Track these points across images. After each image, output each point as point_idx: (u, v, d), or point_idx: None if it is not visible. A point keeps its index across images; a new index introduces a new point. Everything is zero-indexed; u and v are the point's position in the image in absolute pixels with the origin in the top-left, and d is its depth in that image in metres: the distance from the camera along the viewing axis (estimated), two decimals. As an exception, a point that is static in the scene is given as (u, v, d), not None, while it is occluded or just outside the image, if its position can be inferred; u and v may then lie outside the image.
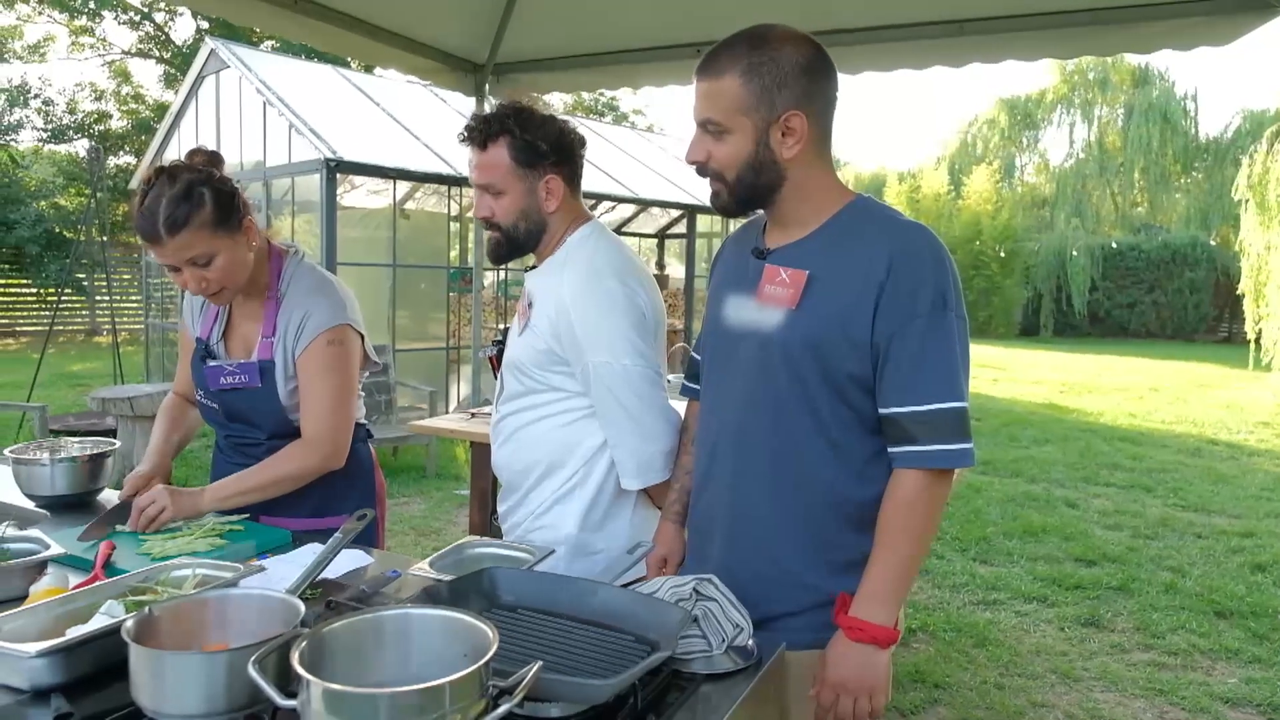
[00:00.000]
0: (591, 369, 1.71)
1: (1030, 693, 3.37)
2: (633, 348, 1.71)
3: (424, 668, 0.95)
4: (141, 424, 5.54)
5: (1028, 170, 26.72)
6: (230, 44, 8.80)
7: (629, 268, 1.79)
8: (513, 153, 1.73)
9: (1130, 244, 21.72)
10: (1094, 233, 22.74)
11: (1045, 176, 25.77)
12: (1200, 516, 5.96)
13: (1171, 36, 3.97)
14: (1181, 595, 4.41)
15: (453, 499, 5.85)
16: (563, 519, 1.81)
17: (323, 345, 1.87)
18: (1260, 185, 12.11)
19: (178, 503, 1.76)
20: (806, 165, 1.39)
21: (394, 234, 7.57)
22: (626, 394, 1.71)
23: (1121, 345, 19.04)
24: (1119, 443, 8.36)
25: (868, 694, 1.33)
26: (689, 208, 10.66)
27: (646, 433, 1.73)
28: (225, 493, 1.82)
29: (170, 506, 1.74)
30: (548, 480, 1.83)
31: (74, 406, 8.87)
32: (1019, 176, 26.42)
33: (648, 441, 1.74)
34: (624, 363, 1.69)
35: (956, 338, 1.34)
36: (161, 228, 1.72)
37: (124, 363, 8.34)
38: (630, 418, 1.72)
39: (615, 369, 1.70)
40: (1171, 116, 22.98)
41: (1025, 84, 36.65)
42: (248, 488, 1.83)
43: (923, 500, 1.34)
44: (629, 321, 1.72)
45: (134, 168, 16.67)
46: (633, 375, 1.70)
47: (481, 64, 5.05)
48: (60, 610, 1.27)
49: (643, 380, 1.72)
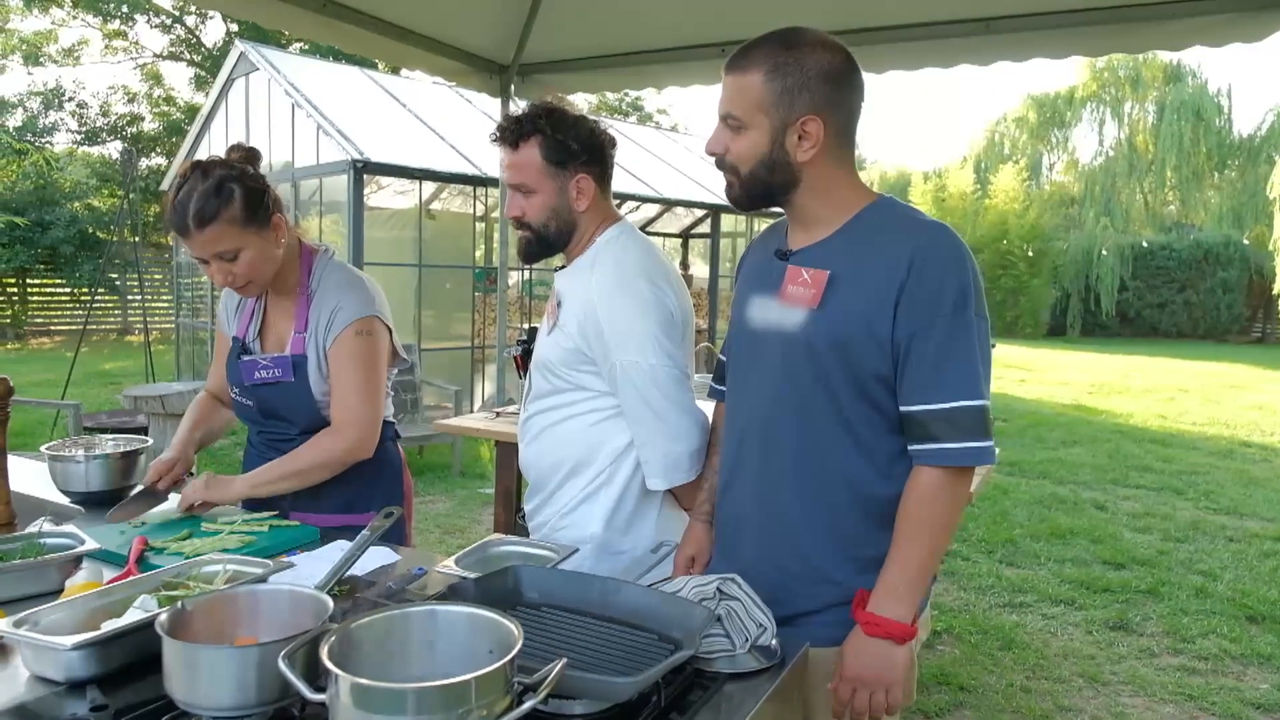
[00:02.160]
0: (619, 368, 1.72)
1: (1057, 696, 3.33)
2: (660, 348, 1.71)
3: (450, 664, 0.96)
4: (172, 421, 5.63)
5: (1056, 169, 26.40)
6: (259, 46, 8.91)
7: (658, 268, 1.80)
8: (544, 152, 1.74)
9: (1161, 243, 21.38)
10: (1124, 232, 22.41)
11: (1074, 175, 25.43)
12: (1232, 520, 5.87)
13: (1202, 33, 3.91)
14: (1212, 599, 4.35)
15: (477, 498, 5.89)
16: (588, 518, 1.82)
17: (351, 335, 1.90)
18: (1294, 184, 11.89)
19: (214, 486, 1.84)
20: (823, 169, 1.40)
21: (420, 234, 7.63)
22: (653, 394, 1.72)
23: (1151, 346, 18.76)
24: (1149, 444, 8.24)
25: (884, 689, 1.34)
26: (713, 208, 10.65)
27: (673, 433, 1.74)
28: (258, 480, 1.88)
29: (207, 491, 1.83)
30: (574, 479, 1.84)
31: (106, 404, 9.02)
32: (1047, 175, 26.11)
33: (674, 442, 1.74)
34: (651, 362, 1.70)
35: (977, 337, 1.34)
36: (190, 221, 1.76)
37: (155, 361, 8.49)
38: (657, 418, 1.72)
39: (643, 369, 1.71)
40: (1204, 114, 22.58)
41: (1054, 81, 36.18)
42: (279, 475, 1.88)
43: (942, 497, 1.35)
44: (657, 322, 1.73)
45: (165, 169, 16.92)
46: (660, 375, 1.71)
47: (507, 65, 5.08)
48: (95, 604, 1.30)
49: (669, 380, 1.73)
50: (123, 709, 1.11)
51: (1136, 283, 20.99)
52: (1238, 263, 20.51)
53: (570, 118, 1.77)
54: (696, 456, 1.76)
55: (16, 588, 1.45)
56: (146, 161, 19.00)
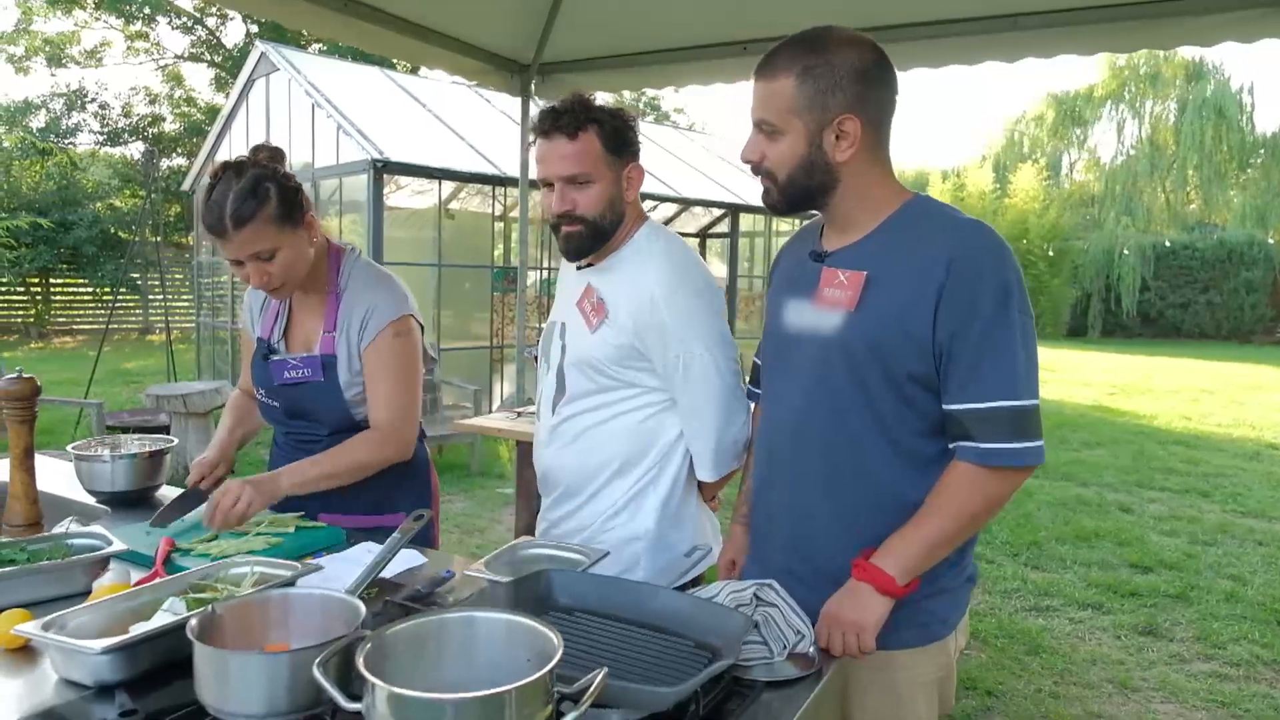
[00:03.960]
0: (683, 362, 1.71)
1: (1086, 702, 3.28)
2: (723, 339, 1.75)
3: (488, 672, 0.94)
4: (194, 420, 5.65)
5: (1076, 168, 26.15)
6: (280, 47, 8.94)
7: (700, 262, 1.83)
8: (604, 140, 1.71)
9: (1184, 242, 21.13)
10: (1145, 231, 22.17)
11: (1094, 174, 25.17)
12: (1260, 523, 5.77)
13: (1234, 28, 3.83)
14: (1243, 604, 4.27)
15: (496, 497, 5.88)
16: (640, 515, 1.80)
17: (390, 337, 1.88)
18: (1323, 182, 11.72)
19: (260, 490, 1.72)
20: (860, 168, 1.38)
21: (439, 234, 7.63)
22: (716, 385, 1.73)
23: (1173, 346, 18.55)
24: (1173, 446, 8.13)
25: (855, 631, 1.33)
26: (732, 207, 10.61)
27: (730, 422, 1.75)
28: (301, 477, 1.79)
29: (256, 497, 1.70)
30: (620, 479, 1.81)
31: (128, 403, 9.08)
32: (1067, 174, 25.86)
33: (728, 432, 1.75)
34: (716, 355, 1.72)
35: (1019, 335, 1.31)
36: (228, 221, 1.74)
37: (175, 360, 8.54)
38: (716, 409, 1.73)
39: (708, 360, 1.72)
40: (1226, 112, 22.29)
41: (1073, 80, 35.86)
42: (325, 472, 1.81)
43: (970, 489, 1.33)
44: (717, 312, 1.76)
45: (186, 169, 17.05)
46: (723, 367, 1.74)
47: (527, 64, 5.07)
48: (123, 607, 1.29)
49: (730, 371, 1.75)
50: (152, 713, 1.09)
51: (1158, 282, 20.76)
52: (1262, 263, 20.23)
53: (613, 107, 1.75)
54: (743, 447, 1.77)
55: (44, 589, 1.44)
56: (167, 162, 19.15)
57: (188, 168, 16.07)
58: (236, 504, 1.68)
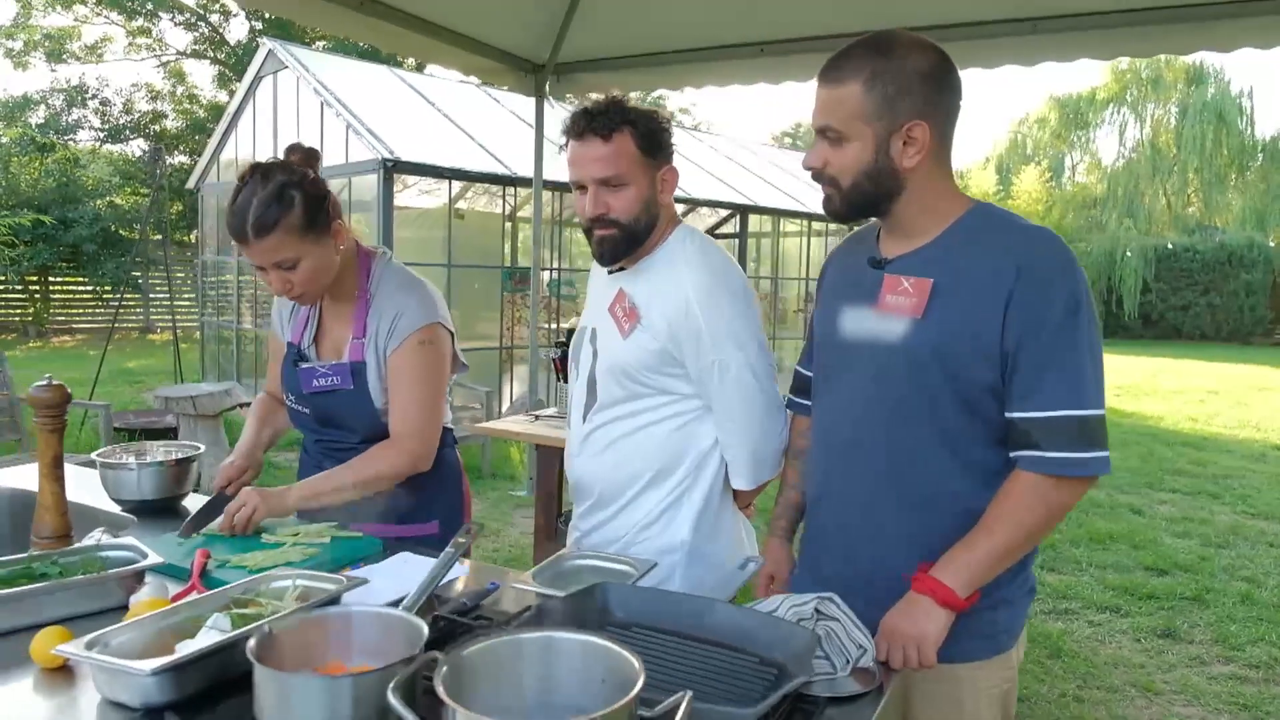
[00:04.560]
0: (719, 368, 1.68)
1: (1110, 705, 3.26)
2: (760, 345, 1.72)
3: (565, 694, 0.91)
4: (204, 422, 5.61)
5: (1079, 170, 26.15)
6: (288, 45, 8.90)
7: (735, 265, 1.80)
8: (639, 142, 1.67)
9: (1185, 245, 21.16)
10: (1146, 233, 22.18)
11: (1096, 176, 25.18)
12: (1271, 525, 5.77)
13: (1252, 34, 3.81)
14: (1259, 606, 4.26)
15: (509, 500, 5.85)
16: (675, 525, 1.76)
17: (415, 345, 1.84)
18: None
19: (267, 501, 1.74)
20: (926, 174, 1.36)
21: (449, 234, 7.59)
22: (753, 391, 1.70)
23: (1175, 347, 18.56)
24: (1181, 447, 8.13)
25: (915, 644, 1.30)
26: (740, 207, 10.57)
27: (765, 431, 1.72)
28: (312, 491, 1.79)
29: (261, 505, 1.72)
30: (654, 489, 1.78)
31: (132, 404, 9.04)
32: (1069, 176, 25.86)
33: (764, 441, 1.72)
34: (753, 361, 1.69)
35: (1086, 344, 1.29)
36: (250, 229, 1.71)
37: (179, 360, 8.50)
38: (752, 416, 1.70)
39: (744, 366, 1.68)
40: (1226, 115, 22.34)
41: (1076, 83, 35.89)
42: (336, 487, 1.80)
43: (1037, 501, 1.30)
44: (754, 318, 1.73)
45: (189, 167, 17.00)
46: (760, 373, 1.71)
47: (542, 64, 5.04)
48: (165, 623, 1.24)
49: (767, 376, 1.72)
50: (204, 736, 1.06)
51: (1160, 284, 20.78)
52: (1261, 265, 20.27)
53: (645, 109, 1.72)
54: (780, 455, 1.74)
55: (79, 604, 1.40)
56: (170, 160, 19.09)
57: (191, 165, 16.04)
58: (244, 510, 1.71)
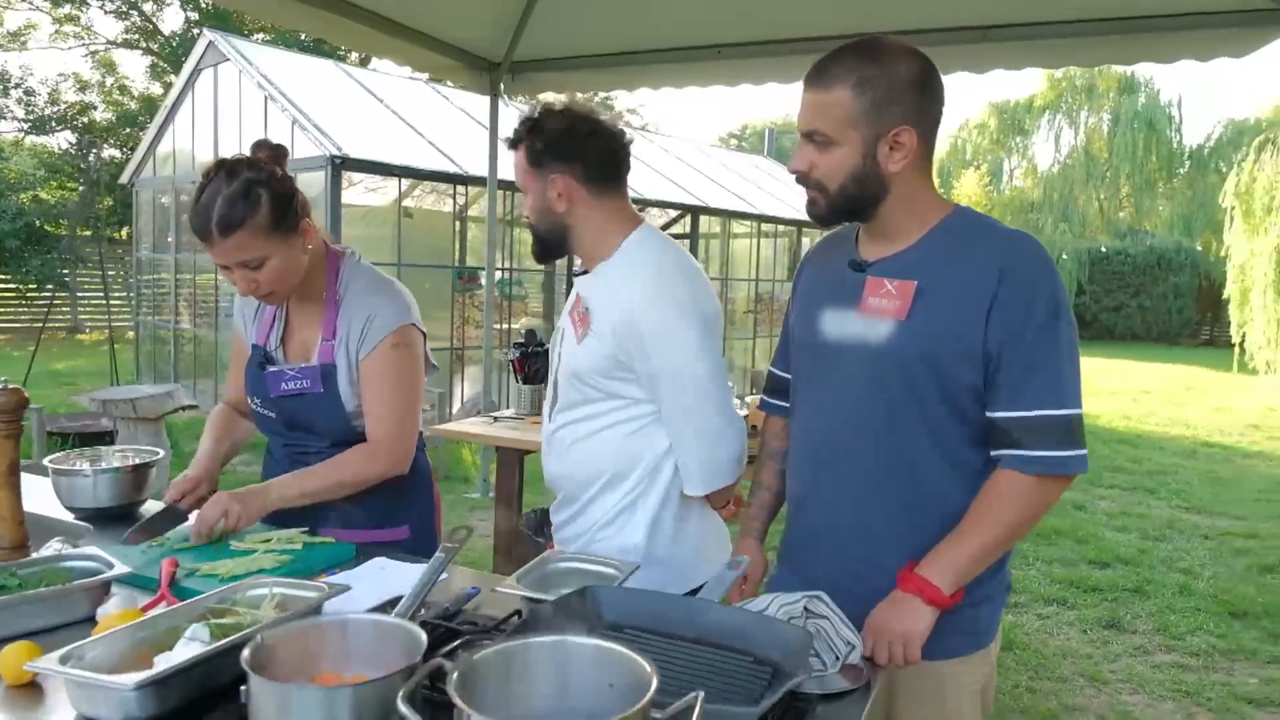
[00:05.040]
0: (661, 375, 1.67)
1: (1061, 696, 3.36)
2: (703, 351, 1.69)
3: (576, 699, 0.90)
4: (144, 426, 5.43)
5: (1016, 175, 26.88)
6: (229, 37, 8.66)
7: (692, 270, 1.77)
8: (528, 153, 1.75)
9: (1117, 248, 21.94)
10: (1080, 237, 22.92)
11: (1033, 181, 25.92)
12: (1205, 519, 6.01)
13: (1193, 47, 3.97)
14: (1196, 597, 4.44)
15: (464, 502, 5.79)
16: (630, 529, 1.76)
17: (388, 348, 1.81)
18: (1247, 194, 12.28)
19: (247, 504, 1.68)
20: (910, 179, 1.38)
21: (398, 233, 7.47)
22: (696, 399, 1.68)
23: (1108, 348, 19.21)
24: (1117, 445, 8.42)
25: (902, 642, 1.33)
26: (690, 208, 10.62)
27: (716, 438, 1.70)
28: (290, 491, 1.75)
29: (241, 511, 1.66)
30: (610, 491, 1.78)
31: (63, 406, 8.70)
32: (1008, 181, 26.58)
33: (714, 448, 1.71)
34: (695, 369, 1.67)
35: (1066, 345, 1.33)
36: (215, 227, 1.66)
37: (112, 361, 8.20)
38: (698, 424, 1.69)
39: (686, 374, 1.67)
40: (1156, 124, 23.20)
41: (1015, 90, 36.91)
42: (312, 489, 1.76)
43: (1016, 497, 1.33)
44: (698, 325, 1.69)
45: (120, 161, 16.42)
46: (702, 380, 1.68)
47: (498, 62, 4.99)
48: (140, 636, 1.20)
49: (712, 384, 1.69)
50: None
51: (1093, 287, 21.49)
52: (1188, 268, 21.12)
53: (542, 117, 1.75)
54: (737, 462, 1.74)
55: (44, 618, 1.34)
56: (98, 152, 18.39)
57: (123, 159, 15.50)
58: (224, 519, 1.64)
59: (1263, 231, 11.89)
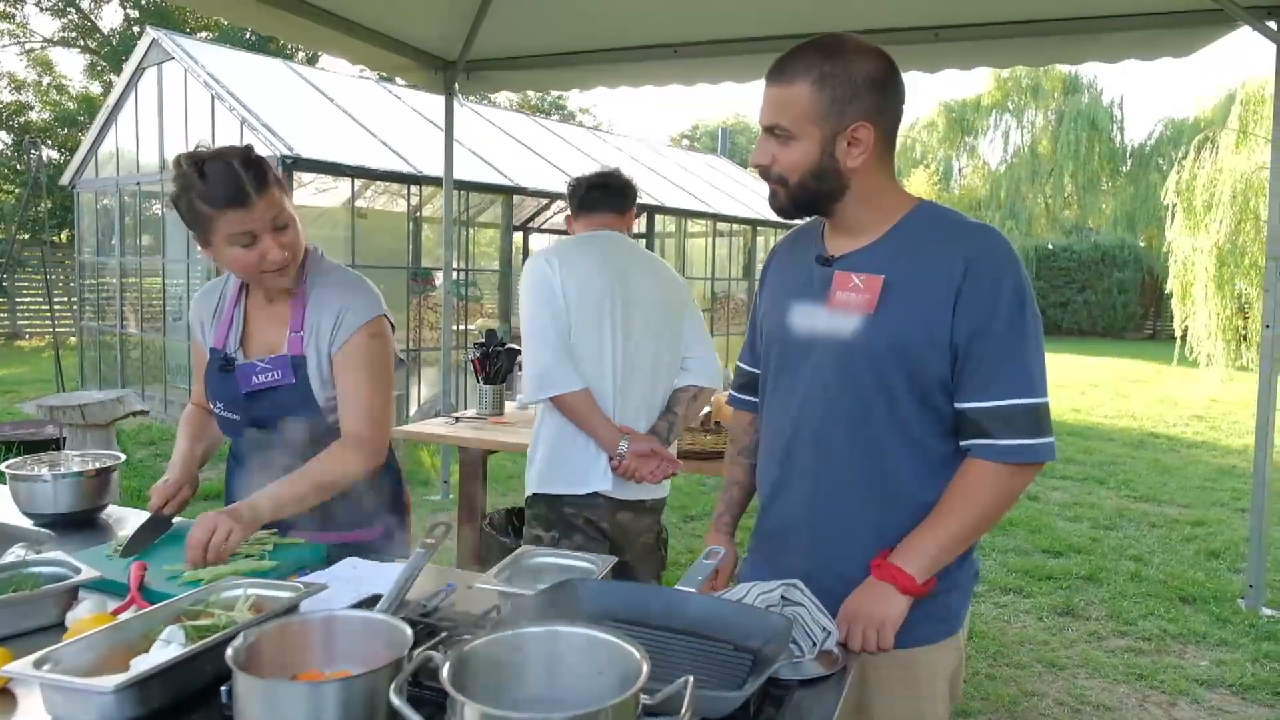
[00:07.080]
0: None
1: (1020, 682, 3.44)
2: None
3: (567, 688, 0.91)
4: (94, 433, 5.28)
5: (965, 173, 27.41)
6: (173, 35, 8.47)
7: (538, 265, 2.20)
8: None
9: (1063, 245, 22.51)
10: (1028, 234, 23.46)
11: (982, 179, 26.46)
12: (1153, 507, 6.19)
13: (1138, 46, 4.10)
14: (1147, 583, 4.57)
15: (424, 505, 5.72)
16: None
17: (364, 339, 1.79)
18: (1188, 191, 12.65)
19: (242, 522, 1.59)
20: (869, 174, 1.41)
21: (352, 233, 7.37)
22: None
23: (1055, 342, 19.69)
24: (1067, 436, 8.62)
25: (875, 627, 1.36)
26: (646, 208, 10.64)
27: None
28: (281, 500, 1.68)
29: (237, 527, 1.57)
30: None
31: (4, 415, 8.43)
32: (957, 179, 27.10)
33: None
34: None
35: (1033, 334, 1.37)
36: (250, 187, 1.65)
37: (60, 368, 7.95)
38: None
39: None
40: (1099, 123, 23.84)
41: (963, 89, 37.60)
42: (301, 493, 1.70)
43: (988, 486, 1.37)
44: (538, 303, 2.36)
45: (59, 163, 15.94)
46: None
47: (453, 61, 4.97)
48: (115, 639, 1.18)
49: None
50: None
51: (1040, 283, 22.01)
52: (1131, 264, 21.76)
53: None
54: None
55: (14, 623, 1.32)
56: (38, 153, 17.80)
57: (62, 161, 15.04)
58: (217, 537, 1.54)
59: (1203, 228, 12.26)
